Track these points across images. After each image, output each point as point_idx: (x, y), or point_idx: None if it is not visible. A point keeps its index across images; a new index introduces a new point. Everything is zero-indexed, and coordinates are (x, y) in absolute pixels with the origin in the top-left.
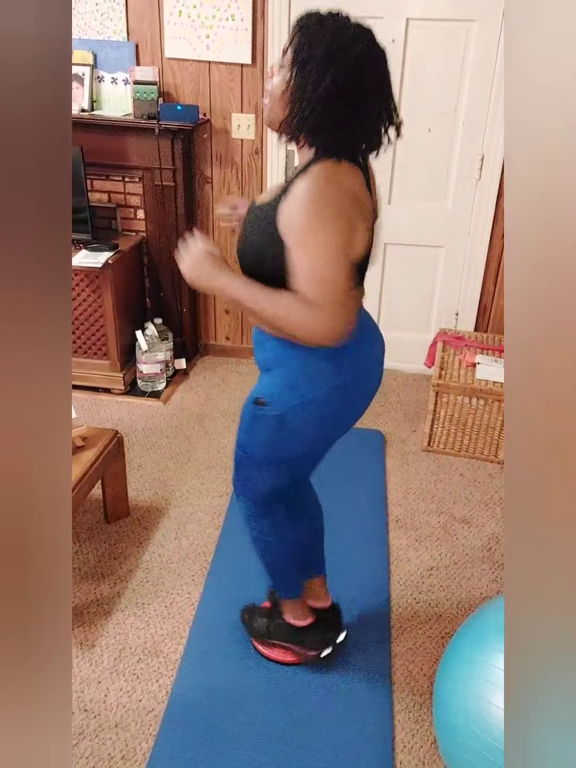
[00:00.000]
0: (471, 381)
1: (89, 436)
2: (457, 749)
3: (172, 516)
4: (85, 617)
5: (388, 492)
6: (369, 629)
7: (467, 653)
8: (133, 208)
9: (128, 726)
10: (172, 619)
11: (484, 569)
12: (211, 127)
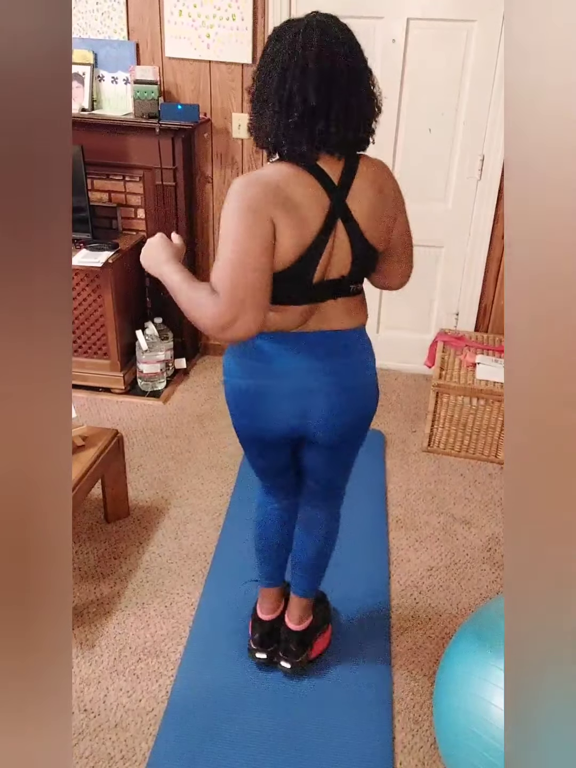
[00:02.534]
0: (471, 381)
1: (89, 435)
2: (457, 749)
3: (172, 516)
4: (85, 617)
5: (388, 492)
6: (369, 629)
7: (467, 653)
8: (134, 208)
9: (128, 726)
10: (172, 619)
11: (484, 569)
12: (212, 127)
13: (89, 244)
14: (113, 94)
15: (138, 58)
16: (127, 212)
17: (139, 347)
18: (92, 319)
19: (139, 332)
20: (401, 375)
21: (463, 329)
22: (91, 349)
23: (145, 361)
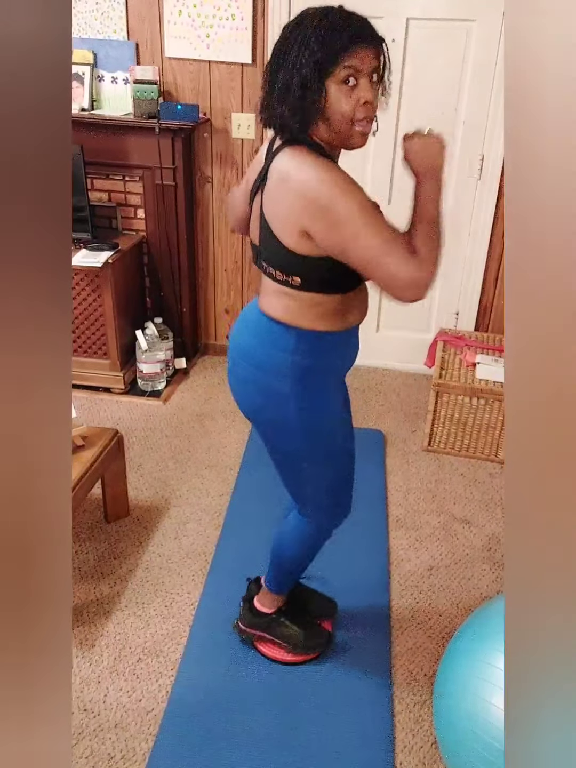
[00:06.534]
0: (471, 381)
1: (89, 435)
2: (457, 749)
3: (172, 516)
4: (85, 617)
5: (388, 492)
6: (369, 629)
7: (467, 653)
8: (134, 208)
9: (128, 726)
10: (172, 619)
11: (484, 569)
12: (212, 127)
13: (89, 244)
14: (113, 94)
15: (138, 58)
16: (127, 212)
17: (139, 347)
18: (92, 319)
19: (139, 332)
20: (401, 375)
21: (463, 329)
22: (91, 348)
23: (145, 360)
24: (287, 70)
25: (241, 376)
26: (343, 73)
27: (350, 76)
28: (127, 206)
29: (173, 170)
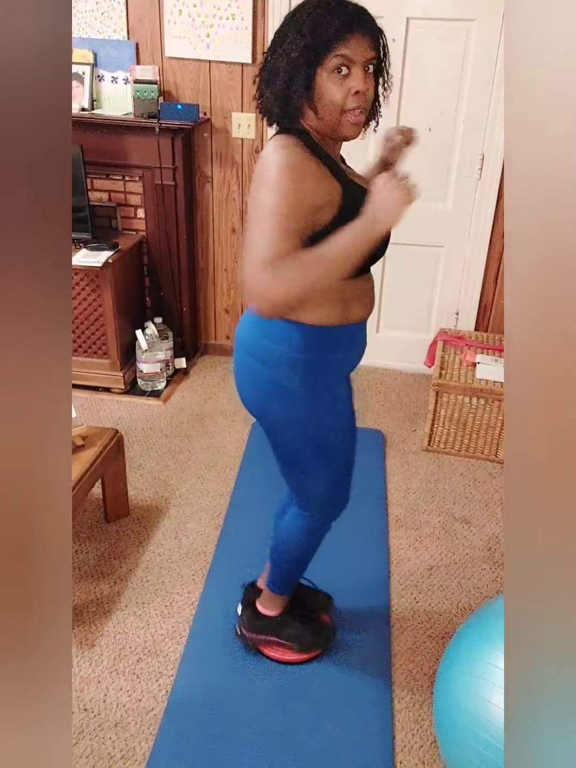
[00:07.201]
0: (471, 381)
1: (89, 435)
2: (457, 749)
3: (172, 516)
4: (85, 617)
5: (388, 492)
6: (369, 629)
7: (467, 653)
8: (133, 207)
9: (128, 725)
10: (172, 619)
11: (484, 569)
12: (212, 127)
13: (89, 244)
14: (113, 93)
15: (138, 57)
16: (127, 212)
17: (139, 347)
18: (92, 319)
19: (139, 332)
20: (401, 374)
21: (463, 329)
22: (91, 348)
23: (144, 360)
24: (278, 56)
25: (241, 368)
26: (335, 61)
27: (342, 65)
28: (127, 206)
29: (173, 170)
